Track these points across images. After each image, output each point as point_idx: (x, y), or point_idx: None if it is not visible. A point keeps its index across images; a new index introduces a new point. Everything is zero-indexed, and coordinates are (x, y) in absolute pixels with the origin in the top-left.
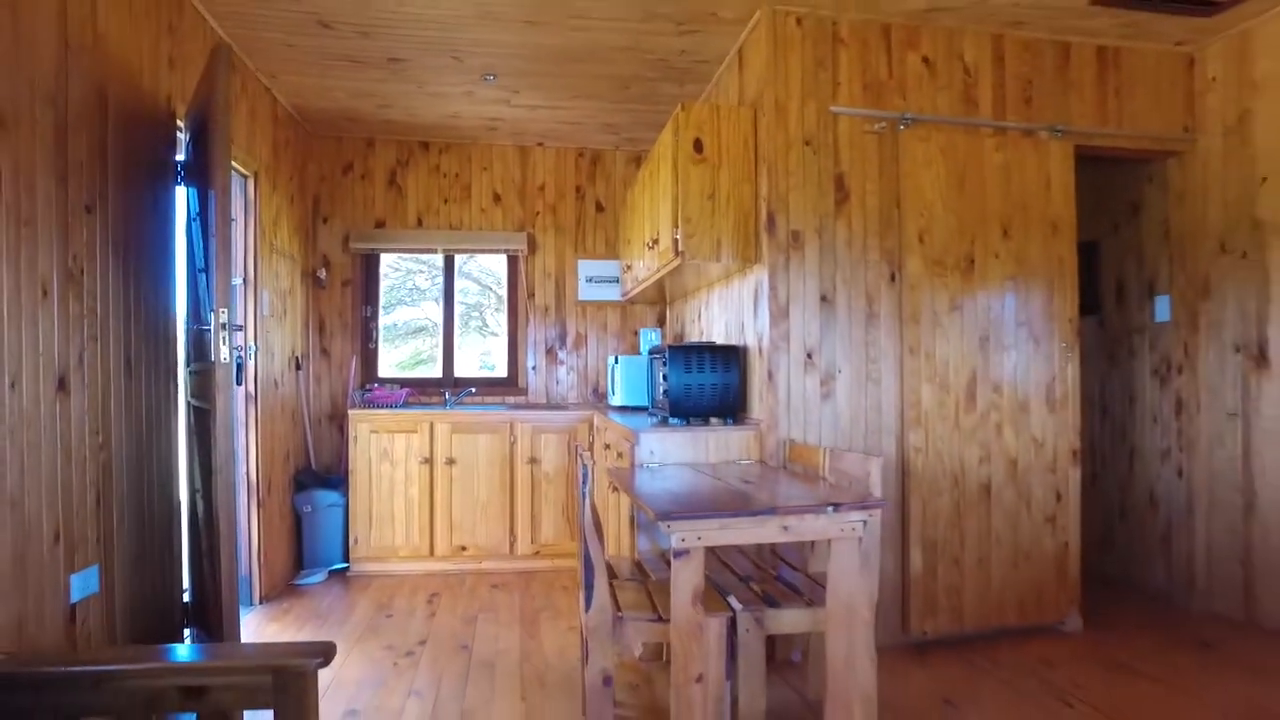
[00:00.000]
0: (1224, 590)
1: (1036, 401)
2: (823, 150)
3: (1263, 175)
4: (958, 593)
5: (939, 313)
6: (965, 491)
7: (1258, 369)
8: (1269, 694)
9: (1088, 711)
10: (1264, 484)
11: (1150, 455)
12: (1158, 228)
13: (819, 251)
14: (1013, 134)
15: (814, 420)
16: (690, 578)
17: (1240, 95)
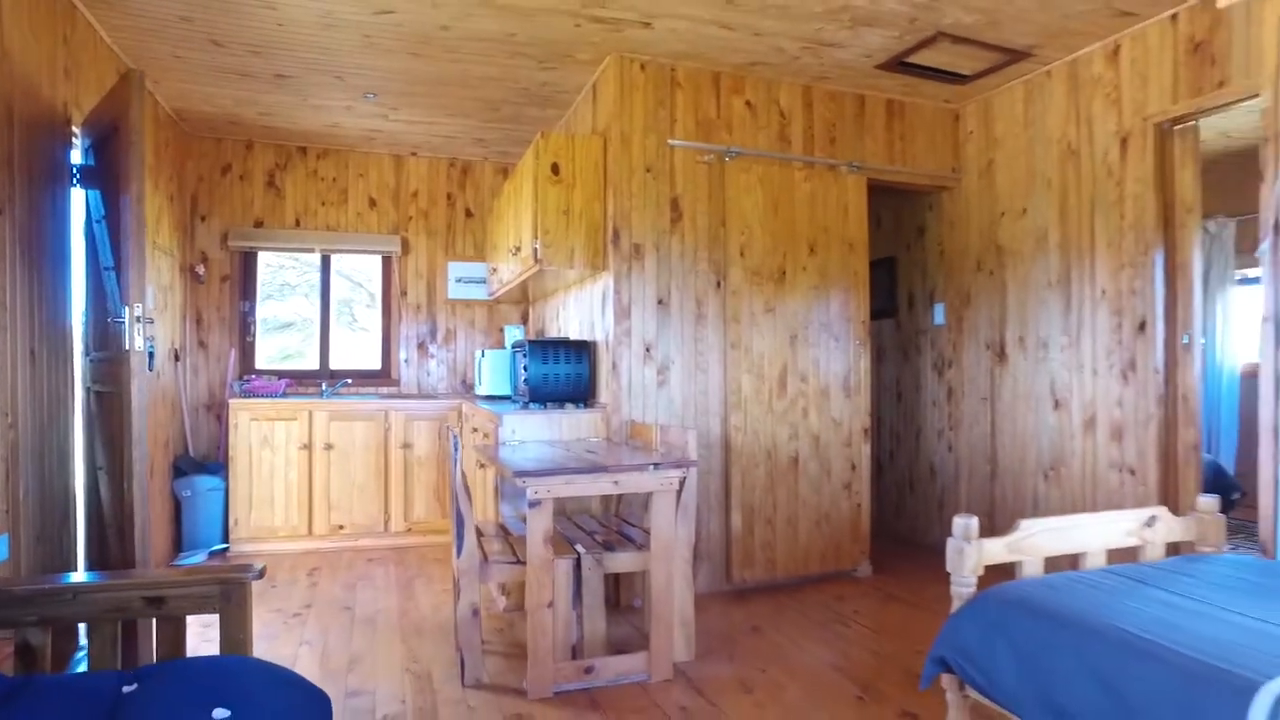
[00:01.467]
0: None
1: (836, 389)
2: (661, 176)
3: (1002, 210)
4: (771, 547)
5: (756, 314)
6: (777, 463)
7: (999, 363)
8: None
9: (860, 628)
10: (1003, 454)
11: (931, 434)
12: (936, 248)
13: (657, 262)
14: (819, 168)
15: (652, 404)
16: (542, 523)
17: (988, 147)
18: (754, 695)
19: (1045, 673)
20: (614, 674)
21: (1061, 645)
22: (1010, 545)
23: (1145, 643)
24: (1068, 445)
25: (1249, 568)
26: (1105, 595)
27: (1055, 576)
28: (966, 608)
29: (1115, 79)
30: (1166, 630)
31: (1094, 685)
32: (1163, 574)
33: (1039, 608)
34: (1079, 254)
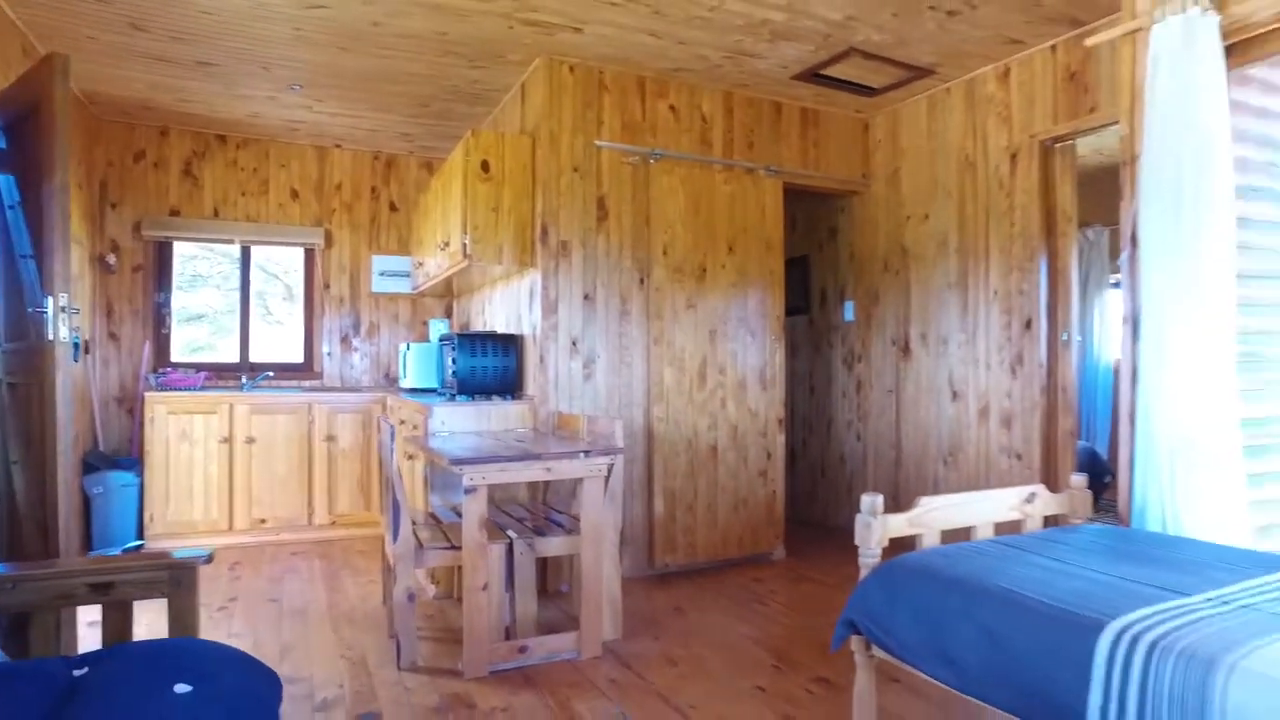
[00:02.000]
0: None
1: (753, 381)
2: (588, 176)
3: (907, 215)
4: (692, 532)
5: (678, 310)
6: (697, 452)
7: (904, 357)
8: None
9: (775, 606)
10: (907, 442)
11: (841, 424)
12: (846, 249)
13: (583, 259)
14: (738, 171)
15: (578, 395)
16: (478, 509)
17: (894, 155)
18: (678, 668)
19: (940, 628)
20: (546, 652)
21: (953, 604)
22: (911, 520)
23: (1020, 597)
24: (964, 433)
25: (1109, 535)
26: (991, 561)
27: (949, 547)
28: (872, 575)
29: (1006, 99)
30: (1038, 587)
31: (980, 635)
32: (1039, 542)
33: (935, 573)
34: (975, 258)
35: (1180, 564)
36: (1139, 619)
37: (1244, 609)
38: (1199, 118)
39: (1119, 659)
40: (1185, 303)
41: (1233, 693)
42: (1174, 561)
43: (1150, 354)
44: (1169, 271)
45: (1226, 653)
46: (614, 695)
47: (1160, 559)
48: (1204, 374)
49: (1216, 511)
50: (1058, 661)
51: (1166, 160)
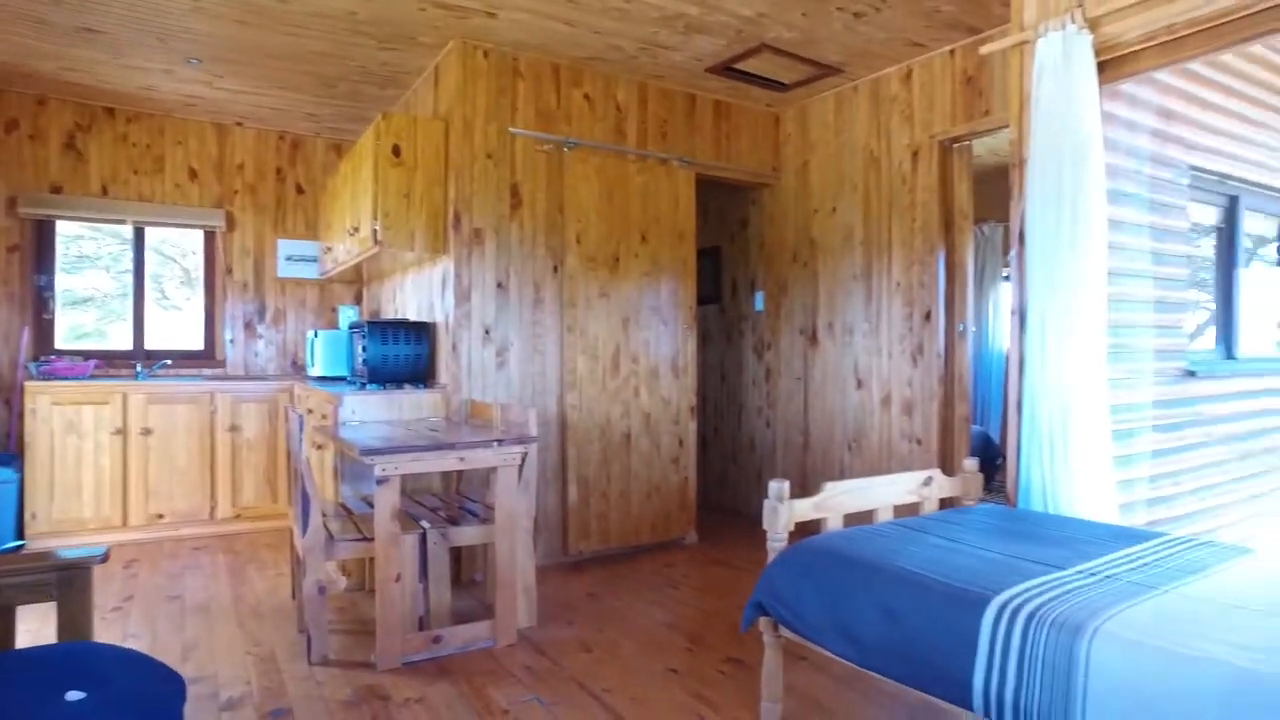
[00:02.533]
0: None
1: (665, 370)
2: (502, 163)
3: (815, 208)
4: (606, 519)
5: (592, 299)
6: (611, 440)
7: (812, 346)
8: None
9: (688, 590)
10: (814, 428)
11: (751, 411)
12: (757, 240)
13: (496, 246)
14: (651, 161)
15: (491, 384)
16: (390, 499)
17: (804, 149)
18: (593, 653)
19: (843, 607)
20: (461, 642)
21: (855, 584)
22: (816, 504)
23: (916, 576)
24: (868, 419)
25: (997, 514)
26: (890, 542)
27: (852, 529)
28: (779, 559)
29: (909, 99)
30: (932, 566)
31: (878, 613)
32: (935, 523)
33: (839, 555)
34: (879, 251)
35: (1057, 540)
36: (1019, 593)
37: (1108, 579)
38: (1076, 126)
39: (1001, 631)
40: (1064, 297)
41: (1094, 654)
42: (1052, 538)
43: (1034, 345)
44: (1050, 268)
45: (1091, 620)
46: (529, 682)
47: (1040, 536)
48: (1080, 364)
49: (1089, 490)
50: (948, 635)
51: (1049, 164)
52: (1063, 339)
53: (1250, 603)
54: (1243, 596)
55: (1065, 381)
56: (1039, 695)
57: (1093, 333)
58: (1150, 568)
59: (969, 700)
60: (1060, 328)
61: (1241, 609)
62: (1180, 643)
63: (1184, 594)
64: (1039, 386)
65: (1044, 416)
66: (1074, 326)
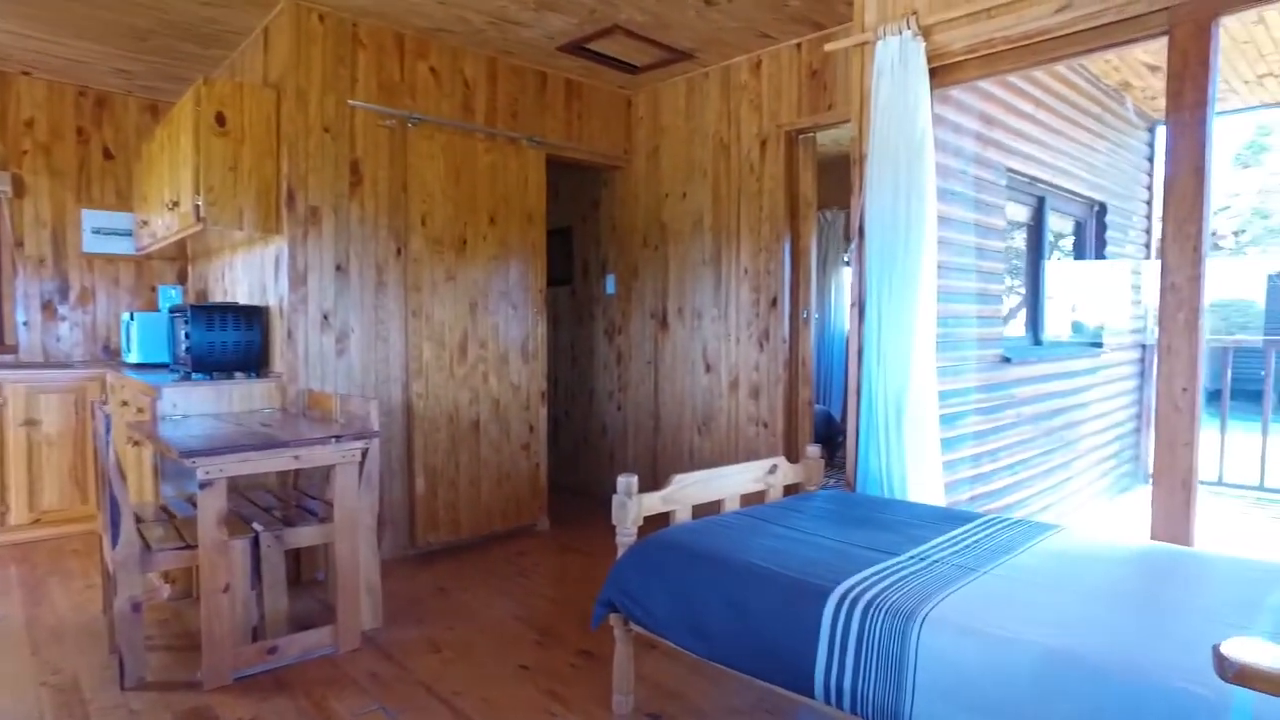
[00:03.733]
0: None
1: (515, 354)
2: (340, 137)
3: (666, 192)
4: (455, 509)
5: (438, 283)
6: (459, 427)
7: (662, 330)
8: None
9: (539, 579)
10: (664, 412)
11: (602, 395)
12: (608, 222)
13: (335, 226)
14: (500, 140)
15: (330, 372)
16: (214, 505)
17: (655, 133)
18: (442, 654)
19: (691, 602)
20: (299, 650)
21: (702, 578)
22: (665, 498)
23: (760, 569)
24: (717, 403)
25: (837, 500)
26: (736, 534)
27: (699, 522)
28: (628, 554)
29: (758, 88)
30: (776, 558)
31: (727, 608)
32: (779, 511)
33: (687, 550)
34: (728, 237)
35: (891, 525)
36: (857, 583)
37: (935, 564)
38: (911, 127)
39: (840, 620)
40: (899, 289)
41: (923, 640)
42: (887, 523)
43: (871, 335)
44: (888, 261)
45: (920, 606)
46: (375, 690)
47: (877, 521)
48: (912, 353)
49: (920, 473)
50: (791, 627)
51: (887, 161)
52: (897, 329)
53: (1059, 581)
54: (1052, 575)
55: (899, 370)
56: (874, 682)
57: (924, 323)
58: (971, 550)
59: (811, 690)
60: (896, 319)
61: (1052, 588)
62: (998, 625)
63: (1000, 575)
64: (876, 375)
65: (880, 404)
66: (908, 317)
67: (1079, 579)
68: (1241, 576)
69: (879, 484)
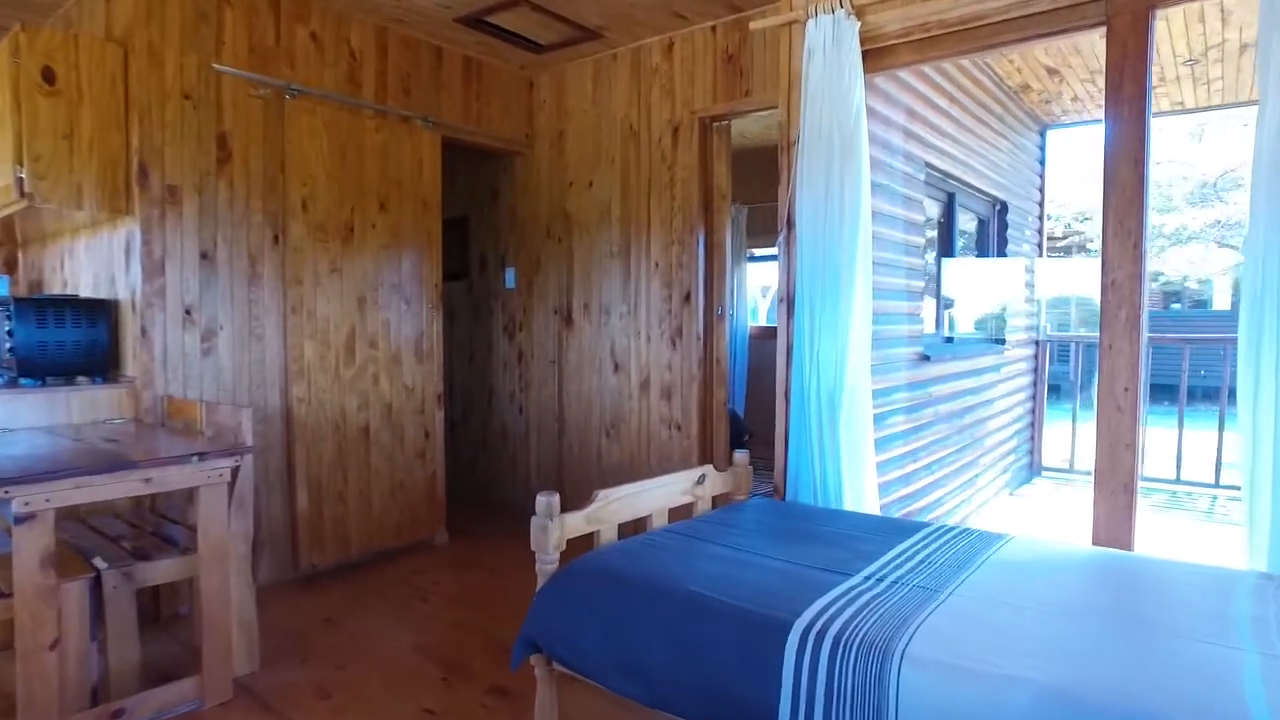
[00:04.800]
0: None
1: (408, 354)
2: (204, 106)
3: (570, 181)
4: (343, 525)
5: (321, 275)
6: (347, 435)
7: (567, 327)
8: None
9: (439, 600)
10: (570, 413)
11: (503, 395)
12: (509, 212)
13: (199, 209)
14: (392, 118)
15: (195, 376)
16: (37, 543)
17: (559, 118)
18: (331, 699)
19: (628, 638)
20: (155, 709)
21: (640, 612)
22: (589, 517)
23: (708, 600)
24: (626, 404)
25: (769, 511)
26: (673, 557)
27: (629, 542)
28: (551, 586)
29: (670, 72)
30: (723, 585)
31: (671, 644)
32: (712, 528)
33: (619, 578)
34: (638, 228)
35: (836, 539)
36: (819, 613)
37: (896, 586)
38: (845, 112)
39: (806, 660)
40: (832, 284)
41: (904, 679)
42: (830, 536)
43: (803, 331)
44: (820, 254)
45: (894, 639)
46: None
47: (819, 535)
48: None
49: (855, 478)
50: (749, 669)
51: (819, 148)
52: (831, 326)
53: (1026, 599)
54: (1018, 593)
55: (833, 369)
56: None
57: (860, 320)
58: (926, 566)
59: None
60: (829, 315)
61: (1021, 607)
62: (985, 660)
63: (966, 596)
64: (808, 375)
65: (813, 405)
66: (843, 313)
67: (1045, 596)
68: (1197, 584)
69: (811, 491)
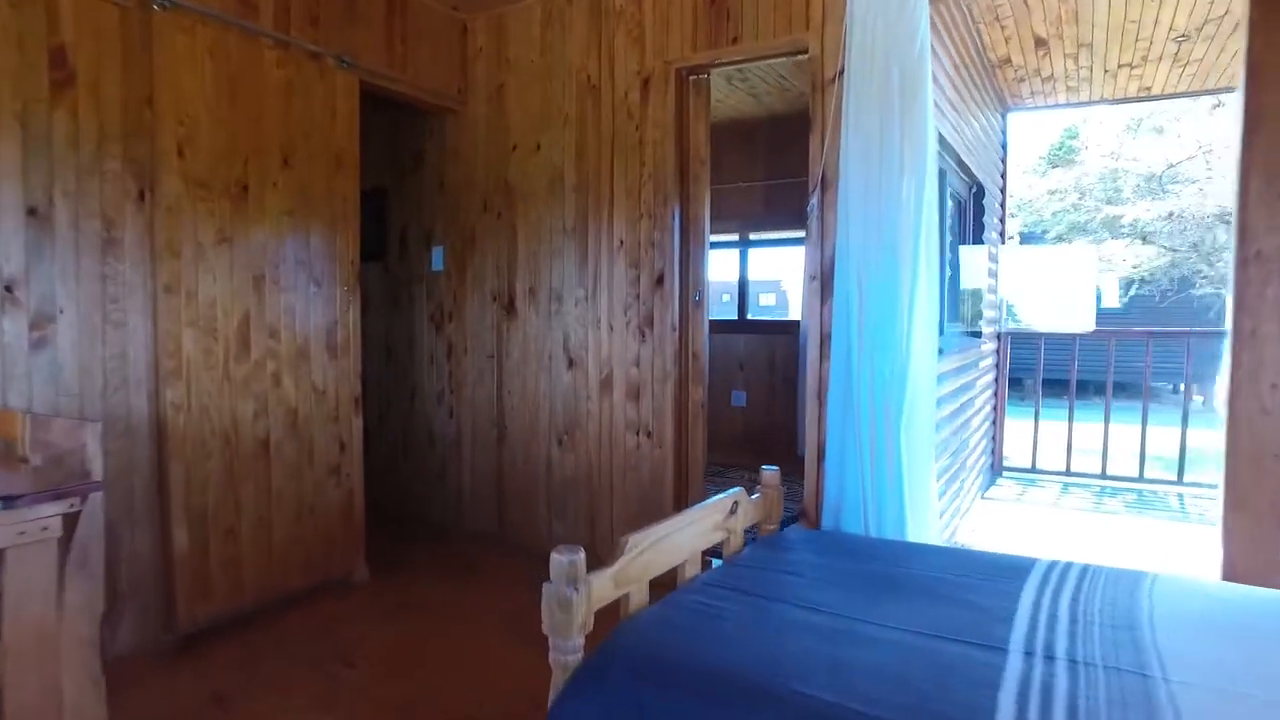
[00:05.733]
0: (483, 512)
1: (318, 347)
2: (32, 10)
3: (513, 144)
4: (236, 565)
5: (205, 245)
6: (240, 450)
7: (508, 316)
8: (515, 602)
9: (368, 662)
10: (512, 417)
11: (428, 396)
12: (435, 181)
13: (23, 146)
14: (297, 53)
15: (19, 376)
16: None
17: (499, 69)
18: None
19: None
20: None
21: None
22: (618, 576)
23: (838, 712)
24: (583, 406)
25: (824, 547)
26: (745, 630)
27: (671, 608)
28: (580, 694)
29: (639, 15)
30: (845, 681)
31: None
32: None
33: (684, 673)
34: (597, 200)
35: (934, 587)
36: None
37: (1084, 669)
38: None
39: None
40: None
41: None
42: (925, 584)
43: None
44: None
45: None
46: None
47: (909, 582)
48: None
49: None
50: None
51: (871, 83)
52: (890, 306)
53: (1265, 678)
54: (1249, 674)
55: (893, 361)
56: None
57: (923, 301)
58: (1088, 629)
59: None
60: (886, 292)
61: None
62: None
63: (1191, 684)
64: (858, 370)
65: (864, 410)
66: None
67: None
68: None
69: (860, 516)
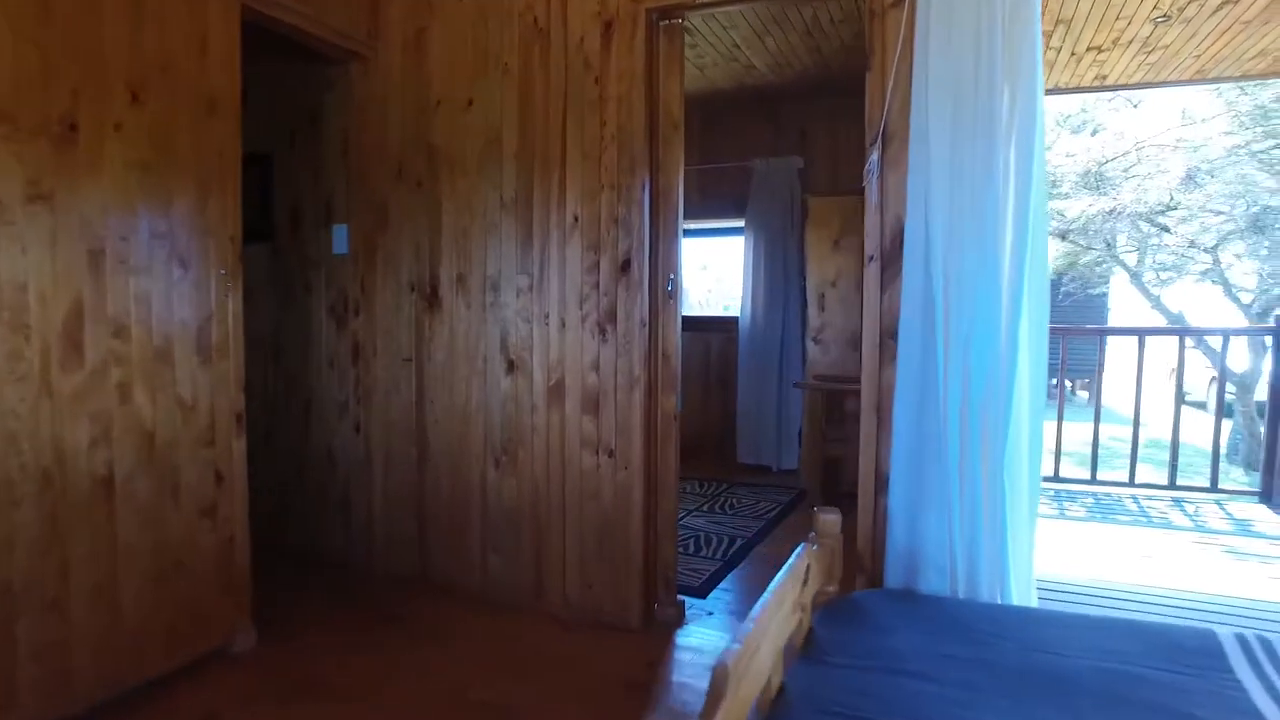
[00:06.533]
0: (401, 548)
1: (184, 349)
2: None
3: (438, 99)
4: (62, 653)
5: (10, 203)
6: (69, 493)
7: (431, 310)
8: (451, 663)
9: None
10: (435, 432)
11: (328, 407)
12: (337, 144)
13: None
14: None
15: None
16: None
17: (419, 10)
18: None
19: None
20: None
21: None
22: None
23: None
24: (527, 419)
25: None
26: None
27: None
28: None
29: None
30: None
31: None
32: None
33: None
34: (546, 167)
35: (1126, 688)
36: None
37: None
38: None
39: None
40: (989, 226)
41: None
42: (1108, 682)
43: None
44: (962, 177)
45: None
46: None
47: (1082, 679)
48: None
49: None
50: None
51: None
52: (988, 294)
53: None
54: None
55: (991, 366)
56: None
57: (1033, 291)
58: None
59: None
60: (981, 281)
61: None
62: None
63: None
64: (943, 381)
65: (953, 430)
66: (1006, 280)
67: None
68: None
69: (947, 569)
